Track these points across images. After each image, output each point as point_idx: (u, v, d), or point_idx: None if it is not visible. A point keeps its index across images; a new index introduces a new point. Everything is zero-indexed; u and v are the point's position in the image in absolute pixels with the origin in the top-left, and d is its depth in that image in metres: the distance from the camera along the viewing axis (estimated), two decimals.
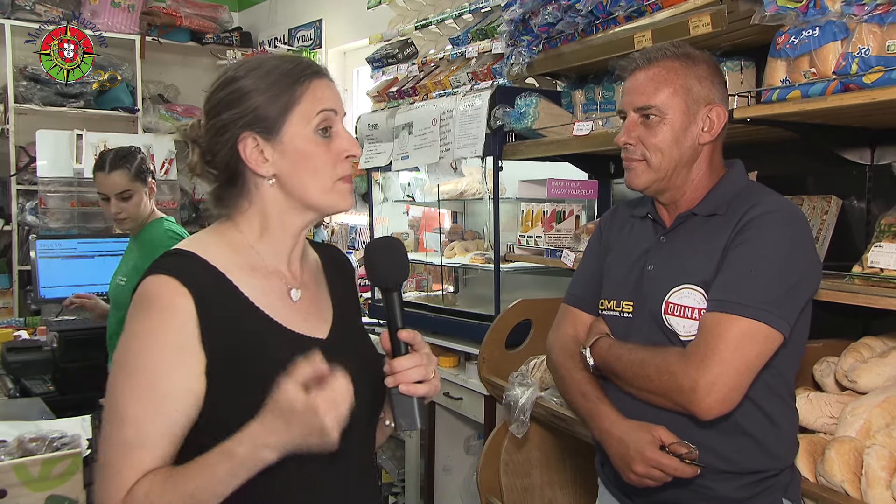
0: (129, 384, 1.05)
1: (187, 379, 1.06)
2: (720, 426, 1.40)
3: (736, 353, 1.33)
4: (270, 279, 1.17)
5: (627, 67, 1.54)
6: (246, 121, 1.12)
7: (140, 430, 1.04)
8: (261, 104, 1.12)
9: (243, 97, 1.12)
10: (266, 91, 1.12)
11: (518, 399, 2.15)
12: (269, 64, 1.14)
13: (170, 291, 1.06)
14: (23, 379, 2.99)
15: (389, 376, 1.11)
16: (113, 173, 2.61)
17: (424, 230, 3.64)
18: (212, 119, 1.14)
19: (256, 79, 1.13)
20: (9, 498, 1.63)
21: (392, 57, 3.46)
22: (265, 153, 1.13)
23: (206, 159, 1.17)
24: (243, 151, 1.13)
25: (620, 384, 1.50)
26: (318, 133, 1.14)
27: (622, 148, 1.53)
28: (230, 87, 1.14)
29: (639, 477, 1.41)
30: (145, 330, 1.06)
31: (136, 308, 1.08)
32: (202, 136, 1.16)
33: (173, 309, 1.06)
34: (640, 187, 1.53)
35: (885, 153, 1.94)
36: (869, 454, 1.46)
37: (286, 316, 1.15)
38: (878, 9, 1.47)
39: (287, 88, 1.13)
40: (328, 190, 1.15)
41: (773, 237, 1.39)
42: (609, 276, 1.61)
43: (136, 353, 1.06)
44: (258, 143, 1.12)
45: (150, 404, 1.04)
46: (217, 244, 1.16)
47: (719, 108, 1.49)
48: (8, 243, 4.90)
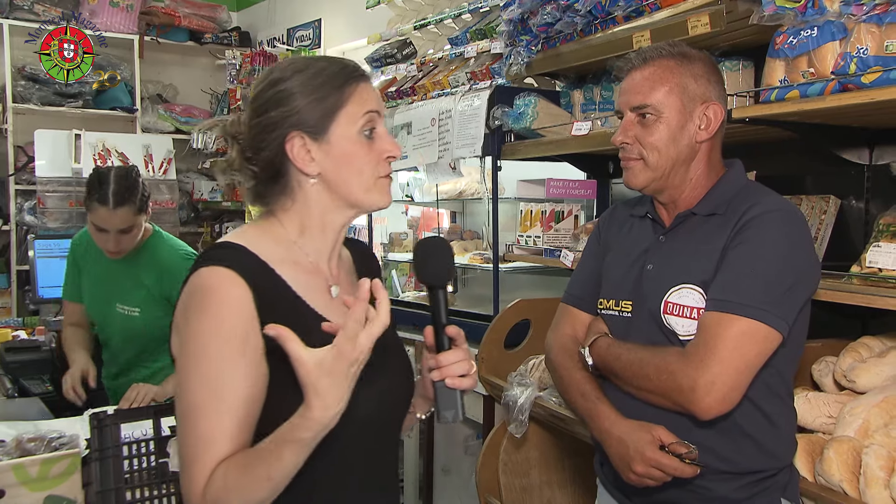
0: (200, 379, 1.07)
1: (254, 365, 1.08)
2: (719, 426, 1.40)
3: (735, 353, 1.33)
4: (312, 275, 1.21)
5: (624, 68, 1.55)
6: (294, 120, 1.15)
7: (216, 424, 1.06)
8: (309, 105, 1.15)
9: (291, 97, 1.15)
10: (314, 92, 1.15)
11: (517, 399, 2.15)
12: (316, 65, 1.17)
13: (226, 281, 1.09)
14: (21, 379, 2.98)
15: (435, 370, 1.15)
16: (118, 210, 2.31)
17: (423, 230, 3.64)
18: (258, 117, 1.17)
19: (305, 80, 1.16)
20: (7, 498, 1.63)
21: (391, 57, 3.46)
22: (312, 152, 1.16)
23: (246, 156, 1.19)
24: (290, 150, 1.15)
25: (619, 384, 1.50)
26: (363, 134, 1.17)
27: (619, 147, 1.54)
28: (278, 86, 1.16)
29: (638, 477, 1.41)
30: (207, 323, 1.08)
31: (195, 301, 1.10)
32: (244, 133, 1.18)
33: (232, 298, 1.08)
34: (639, 186, 1.53)
35: (883, 153, 1.94)
36: (867, 454, 1.46)
37: (328, 311, 1.19)
38: (877, 9, 1.47)
39: (335, 90, 1.16)
40: (370, 188, 1.19)
41: (772, 237, 1.39)
42: (608, 276, 1.61)
43: (203, 347, 1.07)
44: (305, 143, 1.15)
45: (222, 396, 1.06)
46: (262, 238, 1.18)
47: (716, 105, 1.49)
48: (6, 243, 4.90)
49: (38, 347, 3.17)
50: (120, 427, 1.65)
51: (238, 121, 1.20)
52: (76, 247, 2.63)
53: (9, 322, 3.84)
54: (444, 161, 2.87)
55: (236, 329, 1.07)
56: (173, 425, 1.75)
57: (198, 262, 1.13)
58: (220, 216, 5.62)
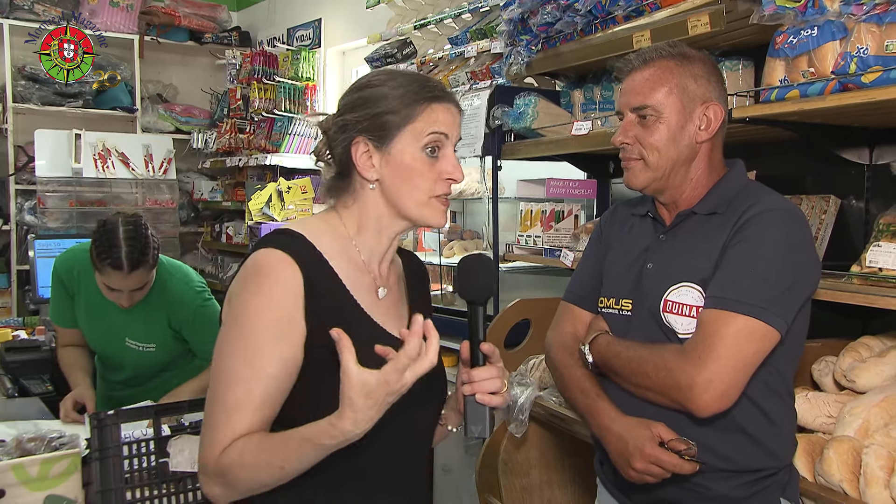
0: (238, 349, 1.12)
1: (291, 349, 1.14)
2: (718, 424, 1.40)
3: (733, 351, 1.33)
4: (363, 274, 1.26)
5: (624, 69, 1.55)
6: (363, 126, 1.20)
7: (244, 393, 1.11)
8: (380, 114, 1.20)
9: (367, 104, 1.21)
10: (389, 103, 1.20)
11: (517, 399, 2.15)
12: (400, 79, 1.22)
13: (283, 265, 1.15)
14: (21, 379, 2.98)
15: (467, 384, 1.19)
16: (134, 273, 2.21)
17: (423, 230, 3.64)
18: (338, 116, 1.24)
19: (385, 90, 1.21)
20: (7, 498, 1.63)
21: (391, 56, 3.46)
22: (373, 159, 1.21)
23: (327, 150, 1.27)
24: (354, 153, 1.21)
25: (619, 381, 1.51)
26: (426, 152, 1.21)
27: (620, 148, 1.54)
28: (360, 92, 1.23)
29: (638, 473, 1.41)
30: (258, 299, 1.13)
31: (249, 277, 1.15)
32: (330, 129, 1.25)
33: (285, 281, 1.14)
34: (639, 187, 1.53)
35: (883, 153, 1.94)
36: (867, 454, 1.46)
37: (373, 310, 1.25)
38: (877, 8, 1.47)
39: (408, 105, 1.20)
40: (423, 204, 1.23)
41: (772, 236, 1.39)
42: (608, 275, 1.62)
43: (248, 321, 1.13)
44: (368, 149, 1.21)
45: (256, 369, 1.11)
46: (323, 231, 1.24)
47: (716, 106, 1.49)
48: (6, 243, 4.90)
49: (38, 347, 3.17)
50: (120, 427, 1.65)
51: (330, 117, 1.27)
52: (63, 272, 2.46)
53: (9, 322, 3.84)
54: None
55: (283, 310, 1.13)
56: (174, 426, 1.75)
57: (259, 244, 1.20)
58: (220, 216, 5.62)
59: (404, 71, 1.28)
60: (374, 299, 1.27)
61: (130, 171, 4.85)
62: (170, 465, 1.67)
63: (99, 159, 4.71)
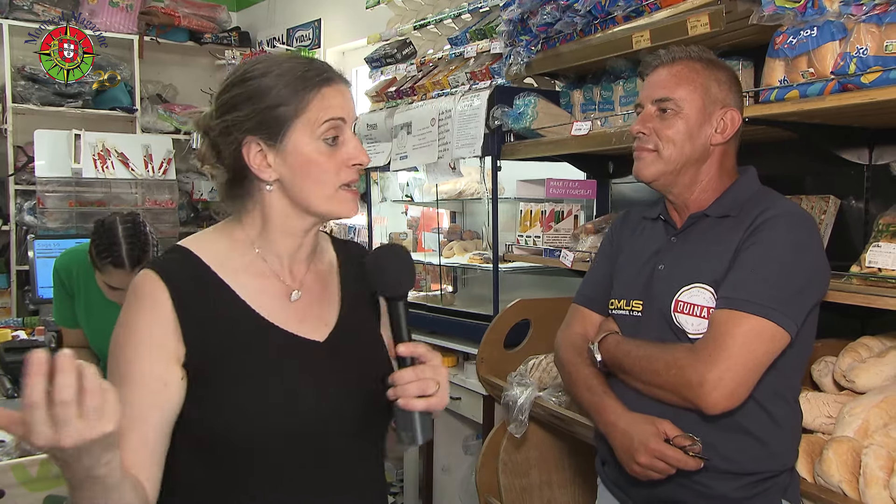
0: (112, 369, 1.11)
1: (161, 369, 1.08)
2: (723, 425, 1.41)
3: (743, 350, 1.35)
4: (268, 279, 1.17)
5: (651, 63, 1.58)
6: (251, 125, 1.11)
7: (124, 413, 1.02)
8: (266, 109, 1.10)
9: (251, 99, 1.11)
10: (274, 96, 1.10)
11: (517, 399, 2.15)
12: (280, 67, 1.12)
13: (149, 285, 1.10)
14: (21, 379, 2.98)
15: (391, 388, 1.08)
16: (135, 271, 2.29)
17: (423, 230, 3.64)
18: (220, 117, 1.14)
19: (267, 83, 1.11)
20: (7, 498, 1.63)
21: (391, 57, 3.46)
22: (268, 159, 1.12)
23: (214, 153, 1.17)
24: (247, 155, 1.12)
25: (628, 379, 1.52)
26: (325, 142, 1.12)
27: (635, 137, 1.56)
28: (239, 87, 1.12)
29: (642, 468, 1.42)
30: (127, 320, 1.11)
31: (127, 301, 1.13)
32: (213, 130, 1.15)
33: (152, 302, 1.09)
34: (648, 178, 1.54)
35: (883, 153, 1.94)
36: (867, 454, 1.46)
37: (281, 317, 1.16)
38: (877, 9, 1.47)
39: (295, 95, 1.11)
40: (330, 197, 1.14)
41: (784, 239, 1.41)
42: (619, 277, 1.64)
43: (117, 342, 1.12)
44: (262, 149, 1.12)
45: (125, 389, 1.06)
46: (217, 242, 1.18)
47: (734, 112, 1.52)
48: (6, 243, 4.90)
49: (38, 348, 3.16)
50: None
51: (209, 115, 1.16)
52: (62, 272, 2.48)
53: (9, 322, 3.84)
54: (444, 161, 2.87)
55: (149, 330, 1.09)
56: None
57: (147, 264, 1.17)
58: (219, 216, 5.62)
59: (282, 55, 1.18)
60: (283, 304, 1.17)
61: (130, 172, 4.84)
62: None
63: (98, 159, 4.70)
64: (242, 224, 1.18)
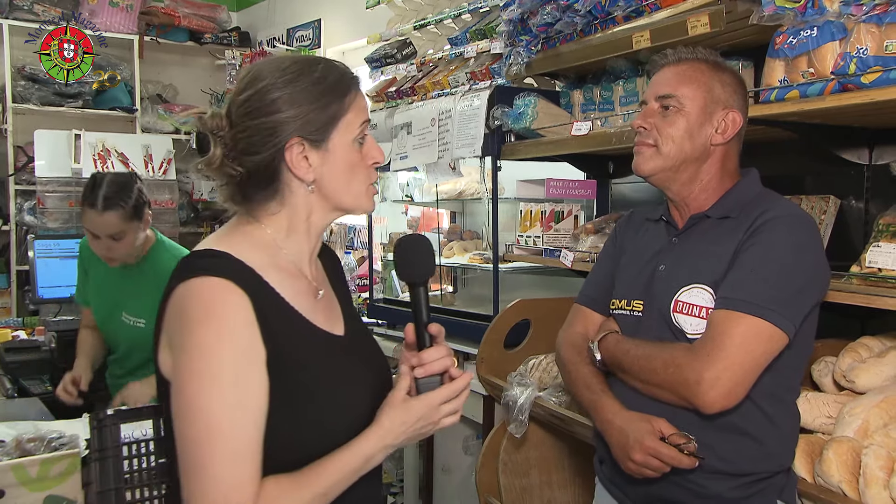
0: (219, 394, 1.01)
1: (262, 377, 1.06)
2: (721, 425, 1.42)
3: (741, 350, 1.36)
4: (297, 279, 1.19)
5: (658, 62, 1.60)
6: (295, 126, 1.12)
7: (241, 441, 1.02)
8: (313, 112, 1.13)
9: (296, 102, 1.13)
10: (318, 99, 1.14)
11: (517, 399, 2.15)
12: (316, 71, 1.15)
13: (226, 292, 1.05)
14: (21, 379, 2.98)
15: (418, 367, 1.16)
16: (106, 213, 2.26)
17: (423, 230, 3.64)
18: (253, 119, 1.12)
19: (307, 86, 1.14)
20: (7, 498, 1.63)
21: (391, 57, 3.46)
22: (310, 159, 1.14)
23: (230, 156, 1.14)
24: (289, 156, 1.13)
25: (626, 378, 1.53)
26: (357, 142, 1.17)
27: (636, 132, 1.57)
28: (277, 91, 1.12)
29: (637, 465, 1.43)
30: (215, 337, 1.03)
31: (195, 313, 1.04)
32: (226, 130, 1.14)
33: (236, 311, 1.05)
34: (646, 173, 1.56)
35: (883, 153, 1.94)
36: (867, 454, 1.46)
37: (314, 315, 1.18)
38: (877, 9, 1.47)
39: (338, 97, 1.15)
40: (362, 195, 1.20)
41: (784, 240, 1.42)
42: (621, 277, 1.65)
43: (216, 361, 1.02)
44: (304, 149, 1.14)
45: (243, 413, 1.02)
46: (244, 243, 1.15)
47: (736, 113, 1.52)
48: (6, 243, 4.90)
49: (38, 348, 3.17)
50: (120, 427, 1.65)
51: (220, 115, 1.14)
52: (83, 249, 2.61)
53: (9, 322, 3.84)
54: (444, 161, 2.87)
55: (245, 338, 1.05)
56: None
57: (183, 274, 1.07)
58: (219, 216, 5.62)
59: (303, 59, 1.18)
60: (311, 303, 1.19)
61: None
62: None
63: (98, 159, 4.70)
64: (262, 224, 1.18)
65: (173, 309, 1.08)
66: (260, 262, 1.13)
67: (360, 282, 3.95)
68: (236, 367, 1.03)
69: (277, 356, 1.07)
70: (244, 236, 1.17)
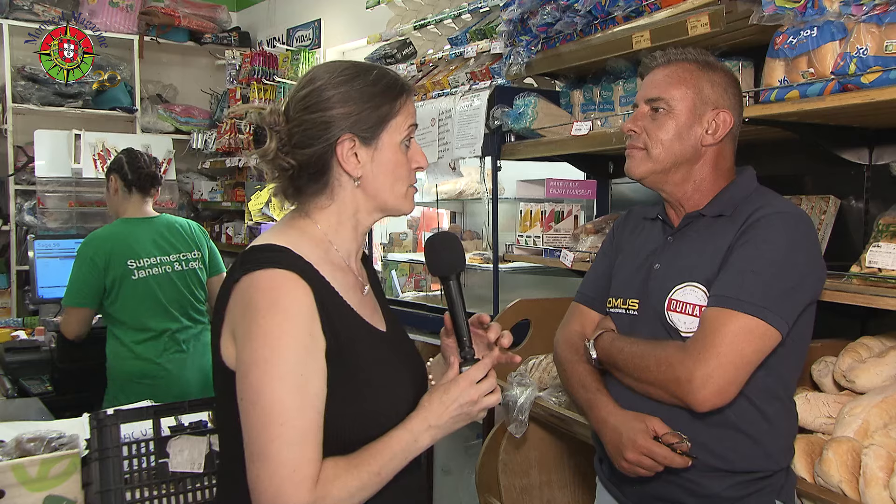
0: (281, 379, 1.07)
1: (322, 366, 1.12)
2: (715, 422, 1.42)
3: (732, 348, 1.36)
4: (347, 274, 1.25)
5: (648, 65, 1.60)
6: (349, 123, 1.19)
7: (305, 421, 1.08)
8: (367, 110, 1.19)
9: (350, 100, 1.19)
10: (372, 99, 1.20)
11: (517, 399, 2.15)
12: (374, 73, 1.22)
13: (291, 283, 1.11)
14: (21, 379, 2.99)
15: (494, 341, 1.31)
16: None
17: (423, 230, 3.64)
18: (311, 113, 1.19)
19: (363, 86, 1.20)
20: (7, 498, 1.63)
21: (391, 57, 3.46)
22: (359, 156, 1.20)
23: (284, 149, 1.20)
24: (340, 151, 1.19)
25: (620, 376, 1.53)
26: (404, 144, 1.23)
27: (627, 136, 1.57)
28: (337, 88, 1.19)
29: (630, 464, 1.44)
30: (281, 324, 1.08)
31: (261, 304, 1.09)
32: (282, 126, 1.20)
33: (301, 302, 1.10)
34: (638, 176, 1.56)
35: (883, 153, 1.94)
36: (867, 454, 1.46)
37: (362, 310, 1.24)
38: (877, 9, 1.47)
39: (389, 99, 1.21)
40: (403, 195, 1.25)
41: (777, 238, 1.41)
42: (618, 276, 1.65)
43: (281, 348, 1.08)
44: (355, 146, 1.20)
45: (305, 399, 1.08)
46: (301, 239, 1.20)
47: (726, 113, 1.51)
48: (6, 243, 4.90)
49: (38, 348, 3.17)
50: (120, 427, 1.65)
51: (278, 112, 1.21)
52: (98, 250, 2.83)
53: (8, 322, 3.84)
54: (444, 161, 2.87)
55: (308, 328, 1.10)
56: (173, 425, 1.75)
57: (248, 266, 1.13)
58: (219, 216, 5.62)
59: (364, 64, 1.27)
60: (360, 298, 1.26)
61: None
62: (169, 466, 1.67)
63: (98, 159, 4.70)
64: (313, 219, 1.24)
65: (238, 299, 1.12)
66: (315, 256, 1.18)
67: None
68: (299, 355, 1.08)
69: (335, 347, 1.13)
70: (299, 232, 1.22)
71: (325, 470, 1.09)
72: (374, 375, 1.19)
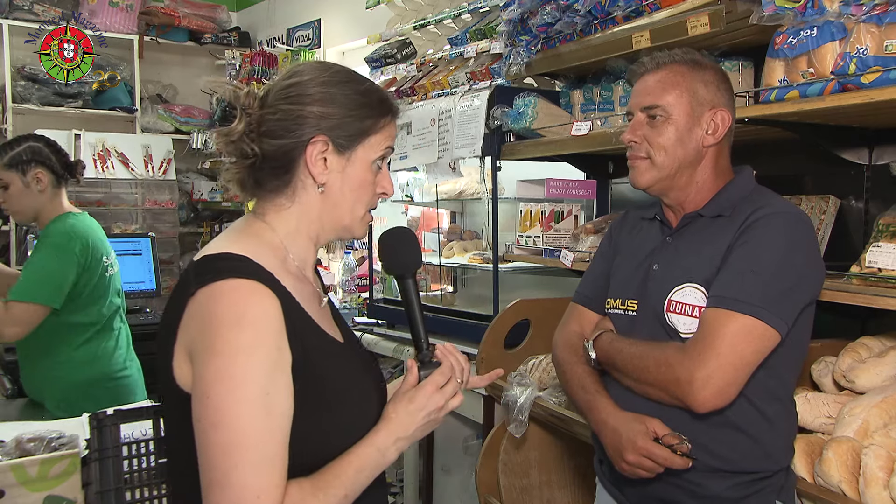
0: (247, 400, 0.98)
1: (289, 382, 1.03)
2: (715, 423, 1.41)
3: (732, 349, 1.35)
4: (305, 284, 1.17)
5: (637, 71, 1.58)
6: (328, 125, 1.12)
7: (271, 444, 0.99)
8: (349, 117, 1.14)
9: (335, 102, 1.13)
10: (358, 108, 1.14)
11: (516, 399, 2.15)
12: (366, 84, 1.18)
13: (259, 295, 1.02)
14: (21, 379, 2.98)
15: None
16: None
17: (423, 230, 3.64)
18: (291, 105, 1.12)
19: (352, 93, 1.15)
20: (7, 498, 1.63)
21: (390, 57, 3.46)
22: (328, 161, 1.13)
23: (251, 135, 1.12)
24: (311, 151, 1.12)
25: (620, 377, 1.53)
26: (375, 164, 1.17)
27: (628, 147, 1.56)
28: (325, 87, 1.13)
29: (629, 466, 1.43)
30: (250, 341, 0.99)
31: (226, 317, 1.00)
32: (255, 109, 1.12)
33: (269, 314, 1.02)
34: (643, 186, 1.55)
35: (883, 153, 1.94)
36: (867, 454, 1.46)
37: (321, 321, 1.16)
38: (876, 9, 1.47)
39: (376, 115, 1.16)
40: (360, 218, 1.19)
41: (776, 238, 1.41)
42: (616, 276, 1.65)
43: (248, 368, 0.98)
44: (327, 150, 1.13)
45: (271, 419, 1.00)
46: (259, 247, 1.12)
47: (724, 112, 1.51)
48: (6, 243, 4.90)
49: None
50: (120, 427, 1.65)
51: (255, 95, 1.14)
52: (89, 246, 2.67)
53: None
54: (444, 161, 2.87)
55: (276, 342, 1.02)
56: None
57: (203, 278, 1.03)
58: (219, 216, 5.62)
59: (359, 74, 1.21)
60: (318, 309, 1.18)
61: (130, 172, 4.85)
62: None
63: (98, 159, 4.71)
64: (269, 224, 1.16)
65: (195, 313, 1.02)
66: (274, 265, 1.10)
67: (360, 282, 3.95)
68: (267, 372, 0.99)
69: (301, 361, 1.05)
70: (256, 238, 1.14)
71: (289, 495, 1.00)
72: (340, 389, 1.12)
